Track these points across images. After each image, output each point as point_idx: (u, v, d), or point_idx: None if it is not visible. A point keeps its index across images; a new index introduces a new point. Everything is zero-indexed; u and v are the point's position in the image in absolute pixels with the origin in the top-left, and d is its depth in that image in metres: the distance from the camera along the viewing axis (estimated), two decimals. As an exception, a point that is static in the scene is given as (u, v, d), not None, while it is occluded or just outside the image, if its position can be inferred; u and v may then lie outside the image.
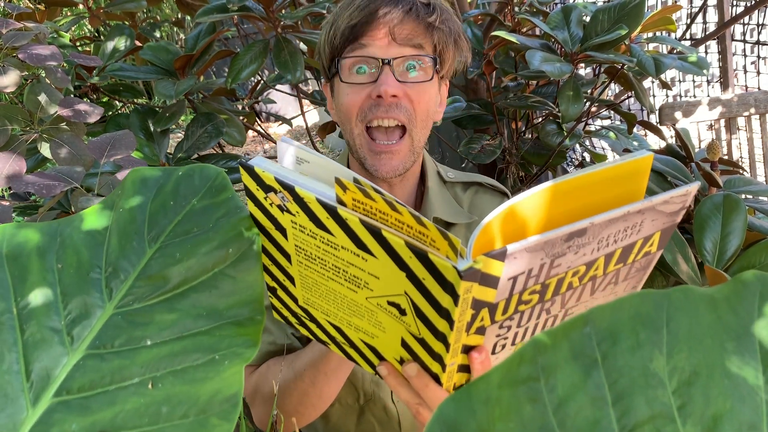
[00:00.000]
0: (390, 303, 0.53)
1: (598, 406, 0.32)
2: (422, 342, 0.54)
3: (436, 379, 0.57)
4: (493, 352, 0.56)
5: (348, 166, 0.99)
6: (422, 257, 0.47)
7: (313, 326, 0.65)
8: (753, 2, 1.77)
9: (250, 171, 0.52)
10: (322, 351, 0.79)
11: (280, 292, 0.64)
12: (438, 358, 0.54)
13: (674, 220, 0.52)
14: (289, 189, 0.50)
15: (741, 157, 2.15)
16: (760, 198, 1.26)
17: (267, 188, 0.52)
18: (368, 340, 0.60)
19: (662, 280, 1.11)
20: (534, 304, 0.52)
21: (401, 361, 0.59)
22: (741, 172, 1.37)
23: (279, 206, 0.53)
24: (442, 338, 0.51)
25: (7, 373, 0.43)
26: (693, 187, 0.49)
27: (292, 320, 0.67)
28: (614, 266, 0.53)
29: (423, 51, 0.88)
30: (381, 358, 0.62)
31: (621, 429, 0.32)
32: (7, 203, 0.96)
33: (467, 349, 0.54)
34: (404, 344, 0.57)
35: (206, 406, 0.40)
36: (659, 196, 0.48)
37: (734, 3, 2.32)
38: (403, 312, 0.53)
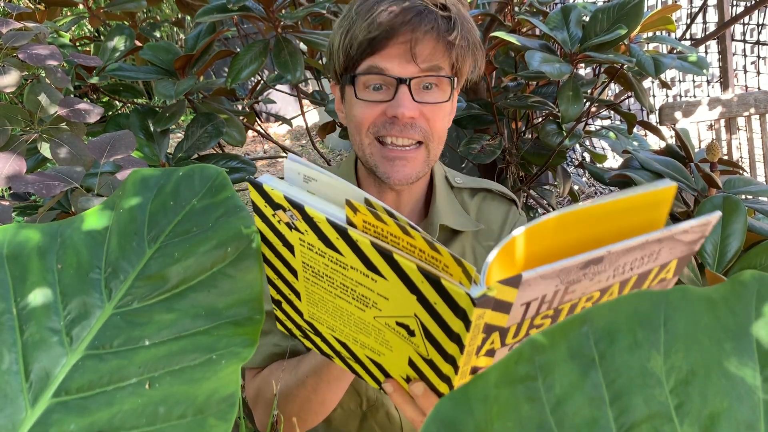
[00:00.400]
0: (399, 324, 0.53)
1: (595, 405, 0.32)
2: (430, 363, 0.54)
3: None
4: None
5: (356, 171, 0.98)
6: (434, 282, 0.46)
7: (317, 340, 0.65)
8: (753, 2, 1.77)
9: (259, 188, 0.52)
10: (324, 359, 0.78)
11: (285, 306, 0.63)
12: (446, 380, 0.54)
13: (692, 249, 0.51)
14: (299, 208, 0.50)
15: (741, 157, 2.15)
16: (760, 198, 1.26)
17: (275, 206, 0.52)
18: (374, 357, 0.60)
19: (662, 280, 1.11)
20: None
21: (407, 379, 0.59)
22: (741, 172, 1.37)
23: (287, 224, 0.52)
24: (451, 361, 0.51)
25: (6, 374, 0.43)
26: (714, 218, 0.49)
27: (297, 333, 0.66)
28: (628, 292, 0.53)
29: (442, 72, 0.85)
30: (387, 375, 0.61)
31: (618, 428, 0.32)
32: (7, 203, 0.96)
33: (475, 370, 0.54)
34: (411, 364, 0.57)
35: (204, 406, 0.40)
36: (678, 226, 0.47)
37: (734, 3, 2.32)
38: (411, 333, 0.53)
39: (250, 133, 2.00)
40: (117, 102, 1.77)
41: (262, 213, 0.54)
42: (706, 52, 2.71)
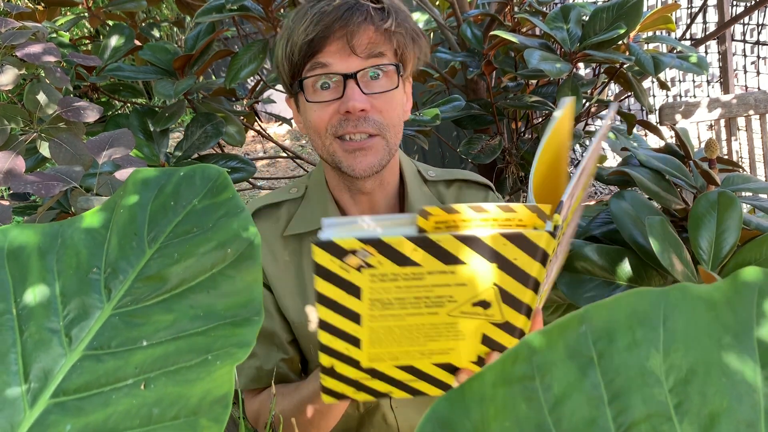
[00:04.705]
0: (475, 304, 0.57)
1: (594, 405, 0.32)
2: (505, 326, 0.60)
3: None
4: None
5: (325, 179, 0.97)
6: (516, 238, 0.52)
7: (374, 384, 0.66)
8: (753, 2, 1.77)
9: (327, 245, 0.53)
10: (316, 389, 0.80)
11: (339, 367, 0.64)
12: (520, 334, 0.60)
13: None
14: (374, 242, 0.52)
15: (741, 157, 2.15)
16: (760, 195, 1.26)
17: (342, 253, 0.53)
18: (442, 359, 0.63)
19: (660, 279, 1.11)
20: (555, 247, 0.57)
21: (478, 363, 0.64)
22: (740, 171, 1.37)
23: (357, 267, 0.54)
24: (526, 311, 0.58)
25: (5, 374, 0.43)
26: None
27: (348, 391, 0.67)
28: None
29: (385, 59, 0.86)
30: (453, 371, 0.65)
31: (617, 428, 0.32)
32: (7, 203, 0.96)
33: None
34: (485, 339, 0.61)
35: (197, 408, 0.40)
36: (601, 129, 0.64)
37: (734, 3, 2.32)
38: (488, 305, 0.57)
39: (250, 133, 2.00)
40: (117, 102, 1.77)
41: (325, 270, 0.54)
42: (706, 52, 2.71)
